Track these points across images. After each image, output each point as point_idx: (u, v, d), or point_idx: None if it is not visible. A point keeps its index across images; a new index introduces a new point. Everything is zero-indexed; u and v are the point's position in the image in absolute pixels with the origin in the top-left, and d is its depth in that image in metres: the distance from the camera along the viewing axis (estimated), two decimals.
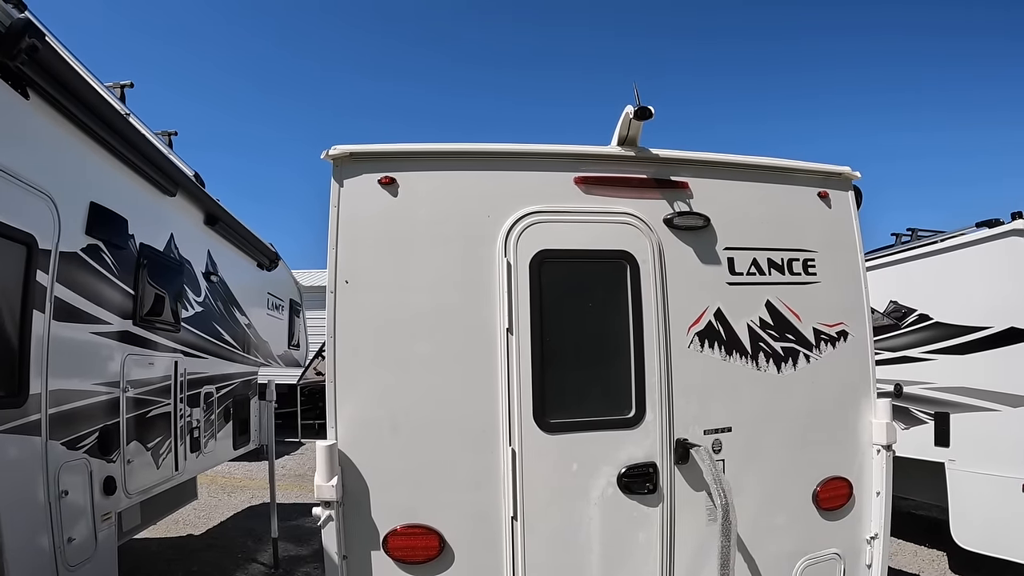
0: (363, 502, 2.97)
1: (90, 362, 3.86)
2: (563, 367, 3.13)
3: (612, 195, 3.25)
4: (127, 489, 4.18)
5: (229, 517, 9.28)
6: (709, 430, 3.24)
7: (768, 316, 3.36)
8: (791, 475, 3.37)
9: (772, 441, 3.35)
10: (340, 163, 3.08)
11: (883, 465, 3.43)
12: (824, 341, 3.45)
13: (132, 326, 4.32)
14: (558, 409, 3.07)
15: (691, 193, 3.33)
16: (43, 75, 3.24)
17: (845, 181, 3.62)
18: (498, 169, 3.19)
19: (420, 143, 3.16)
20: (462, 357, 3.06)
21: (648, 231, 3.23)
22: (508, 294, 3.06)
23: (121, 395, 4.15)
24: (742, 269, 3.35)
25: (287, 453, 15.11)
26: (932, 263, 6.30)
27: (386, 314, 3.04)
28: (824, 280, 3.47)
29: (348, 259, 3.04)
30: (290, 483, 11.52)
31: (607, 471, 3.10)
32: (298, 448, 16.12)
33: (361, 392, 3.01)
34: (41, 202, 3.29)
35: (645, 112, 3.06)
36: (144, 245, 4.45)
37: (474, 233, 3.11)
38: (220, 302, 6.06)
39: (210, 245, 5.82)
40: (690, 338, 3.25)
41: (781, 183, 3.50)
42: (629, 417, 3.13)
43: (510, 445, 3.02)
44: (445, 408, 3.04)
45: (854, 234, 3.58)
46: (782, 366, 3.37)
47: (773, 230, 3.44)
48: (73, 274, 3.56)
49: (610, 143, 3.33)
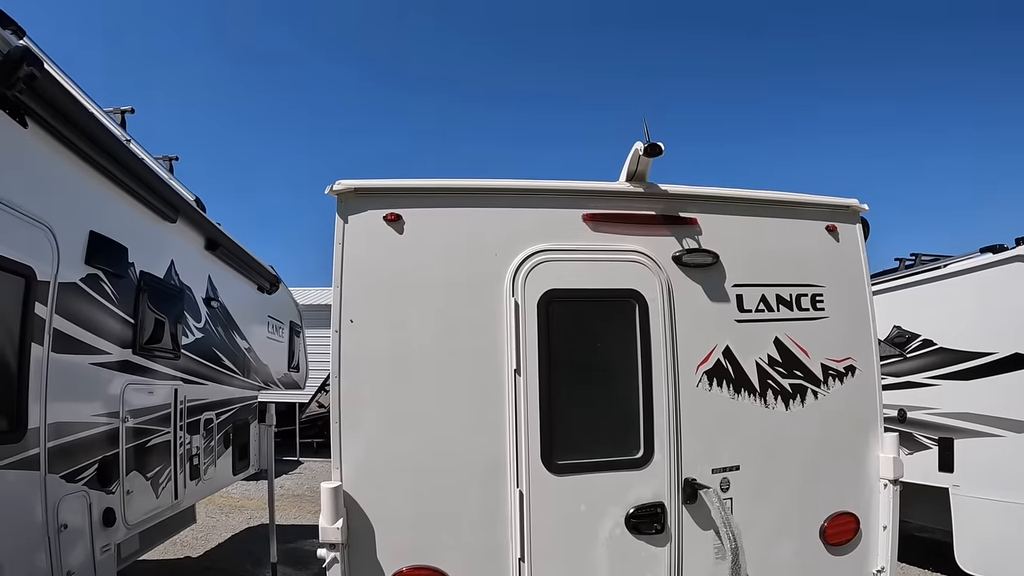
0: (368, 543, 2.92)
1: (89, 393, 3.82)
2: (571, 408, 3.09)
3: (621, 232, 3.23)
4: (126, 520, 4.13)
5: (227, 539, 9.19)
6: (717, 469, 3.21)
7: (776, 353, 3.33)
8: (798, 511, 3.34)
9: (780, 478, 3.32)
10: (345, 199, 3.04)
11: (890, 499, 3.41)
12: (832, 376, 3.42)
13: (132, 355, 4.27)
14: (566, 451, 3.03)
15: (700, 229, 3.30)
16: (41, 104, 3.20)
17: (853, 214, 3.60)
18: (505, 206, 3.16)
19: (426, 180, 3.14)
20: (469, 398, 3.03)
21: (657, 269, 3.21)
22: (516, 334, 3.02)
23: (120, 425, 4.10)
24: (751, 306, 3.32)
25: (285, 472, 15.03)
26: (936, 288, 6.30)
27: (392, 353, 3.00)
28: (832, 315, 3.45)
29: (353, 297, 3.00)
30: (289, 503, 11.44)
31: (615, 512, 3.07)
32: (296, 467, 16.04)
33: (366, 433, 2.97)
34: (39, 233, 3.25)
35: (655, 149, 3.04)
36: (144, 273, 4.42)
37: (481, 271, 3.08)
38: (220, 327, 6.02)
39: (211, 270, 5.78)
40: (699, 377, 3.22)
41: (789, 217, 3.48)
42: (637, 458, 3.10)
43: (517, 487, 2.98)
44: (452, 449, 3.00)
45: (862, 267, 3.56)
46: (790, 403, 3.34)
47: (781, 265, 3.41)
48: (72, 305, 3.52)
49: (618, 179, 3.31)
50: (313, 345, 9.91)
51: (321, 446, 17.80)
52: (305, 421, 17.79)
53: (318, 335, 8.70)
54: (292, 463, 16.46)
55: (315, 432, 18.20)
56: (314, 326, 9.86)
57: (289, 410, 16.80)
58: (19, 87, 2.96)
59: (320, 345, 6.05)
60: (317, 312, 11.72)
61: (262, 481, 9.22)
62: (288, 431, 17.09)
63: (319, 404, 16.55)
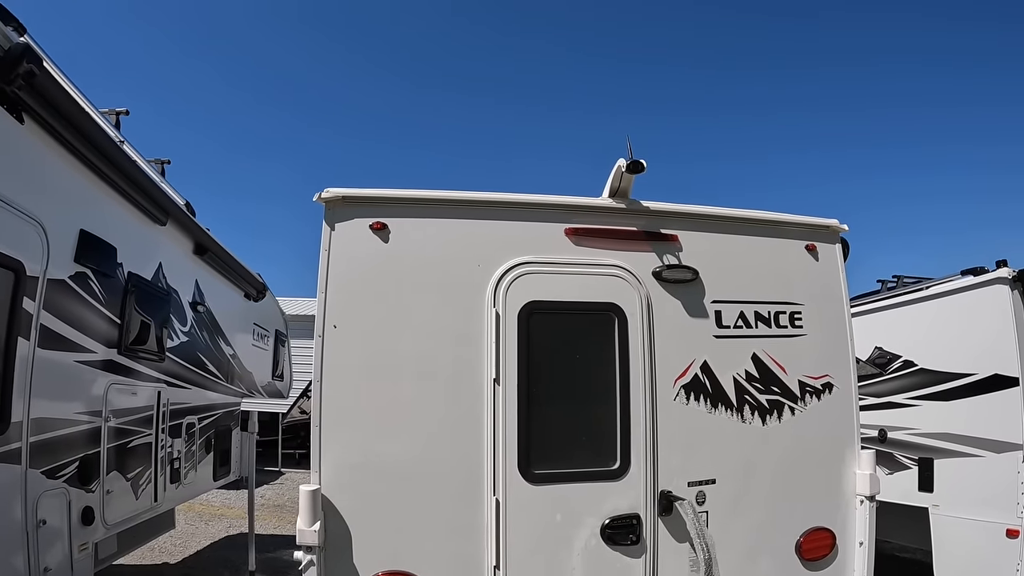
0: (345, 548, 2.94)
1: (73, 391, 3.81)
2: (549, 418, 3.13)
3: (602, 247, 3.28)
4: (105, 520, 4.12)
5: (206, 546, 9.14)
6: (693, 482, 3.24)
7: (754, 369, 3.38)
8: (774, 526, 3.37)
9: (756, 492, 3.35)
10: (332, 206, 3.09)
11: (867, 515, 3.44)
12: (809, 393, 3.47)
13: (117, 355, 4.27)
14: (543, 460, 3.07)
15: (680, 246, 3.36)
16: (39, 101, 3.22)
17: (833, 234, 3.66)
18: (490, 218, 3.21)
19: (413, 189, 3.18)
20: (448, 405, 3.06)
21: (637, 284, 3.26)
22: (496, 344, 3.06)
23: (103, 424, 4.09)
24: (729, 322, 3.37)
25: (266, 483, 14.90)
26: (917, 310, 6.36)
27: (374, 360, 3.03)
28: (810, 333, 3.50)
29: (337, 303, 3.03)
30: (269, 513, 11.38)
31: (591, 522, 3.09)
32: (278, 478, 15.93)
33: (346, 437, 3.00)
34: (30, 228, 3.26)
35: (637, 166, 3.09)
36: (132, 274, 4.42)
37: (464, 282, 3.12)
38: (206, 332, 6.01)
39: (198, 275, 5.78)
40: (676, 391, 3.26)
41: (769, 236, 3.53)
42: (614, 469, 3.13)
43: (494, 495, 3.00)
44: (430, 456, 3.03)
45: (840, 287, 3.61)
46: (767, 418, 3.39)
47: (760, 283, 3.47)
48: (60, 302, 3.53)
49: (601, 195, 3.36)
50: (297, 355, 9.87)
51: (303, 457, 17.57)
52: (288, 430, 17.65)
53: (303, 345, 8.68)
54: (274, 473, 16.34)
55: (298, 443, 18.05)
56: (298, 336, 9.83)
57: (272, 419, 16.63)
58: (18, 83, 2.98)
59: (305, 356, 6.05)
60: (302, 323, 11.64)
61: (242, 490, 9.17)
62: (270, 441, 16.94)
63: (301, 410, 16.44)
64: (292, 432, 17.71)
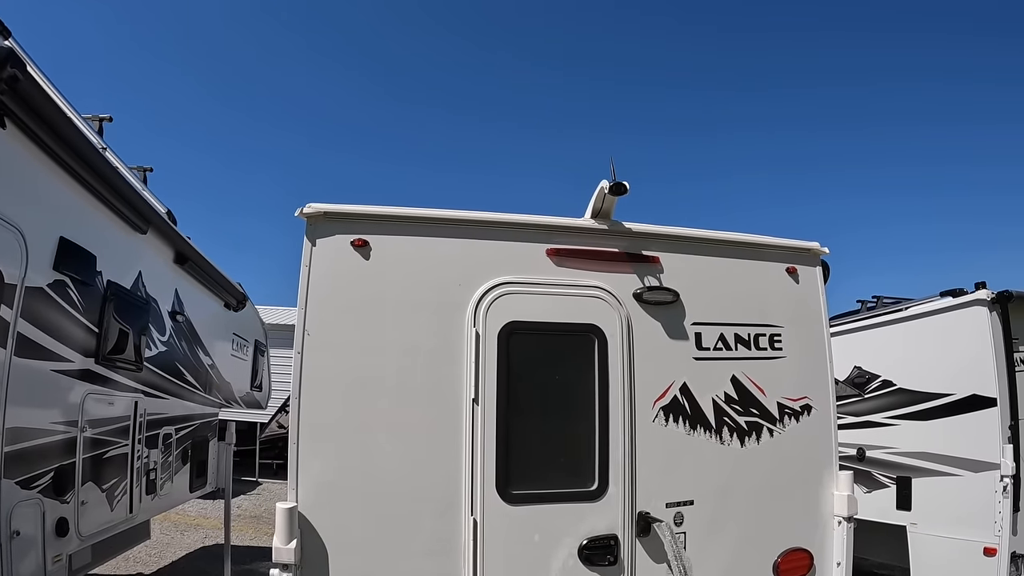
0: (322, 566, 2.90)
1: (49, 400, 3.76)
2: (528, 439, 3.12)
3: (583, 268, 3.28)
4: (79, 531, 4.06)
5: (181, 557, 9.04)
6: (671, 503, 3.24)
7: (733, 391, 3.39)
8: (752, 546, 3.38)
9: (734, 513, 3.36)
10: (314, 222, 3.07)
11: (844, 536, 3.46)
12: (788, 415, 3.48)
13: (94, 364, 4.22)
14: (521, 481, 3.06)
15: (661, 268, 3.37)
16: (22, 106, 3.19)
17: (813, 256, 3.68)
18: (471, 237, 3.21)
19: (395, 207, 3.17)
20: (427, 425, 3.05)
21: (617, 305, 3.26)
22: (475, 364, 3.06)
23: (79, 434, 4.03)
24: (709, 344, 3.39)
25: (243, 493, 14.73)
26: (897, 330, 6.44)
27: (353, 377, 3.02)
28: (790, 355, 3.52)
29: (316, 320, 3.02)
30: (245, 524, 11.27)
31: (569, 542, 3.08)
32: (255, 488, 15.75)
33: (324, 455, 2.97)
34: (9, 234, 3.22)
35: (620, 188, 3.10)
36: (111, 282, 4.38)
37: (444, 300, 3.12)
38: (184, 342, 5.96)
39: (178, 284, 5.74)
40: (655, 412, 3.26)
41: (750, 259, 3.56)
42: (592, 490, 3.13)
43: (472, 515, 2.99)
44: (408, 474, 3.01)
45: (820, 309, 3.64)
46: (745, 440, 3.40)
47: (741, 305, 3.49)
48: (38, 310, 3.48)
49: (583, 215, 3.37)
50: (276, 365, 9.79)
51: (280, 467, 17.33)
52: (265, 441, 17.49)
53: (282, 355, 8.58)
54: (251, 483, 16.15)
55: (275, 453, 17.86)
56: (278, 346, 9.75)
57: (250, 429, 16.42)
58: (1, 88, 2.96)
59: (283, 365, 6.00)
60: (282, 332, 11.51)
61: (219, 500, 9.06)
62: (248, 451, 16.75)
63: (279, 424, 16.29)
64: (270, 443, 17.54)
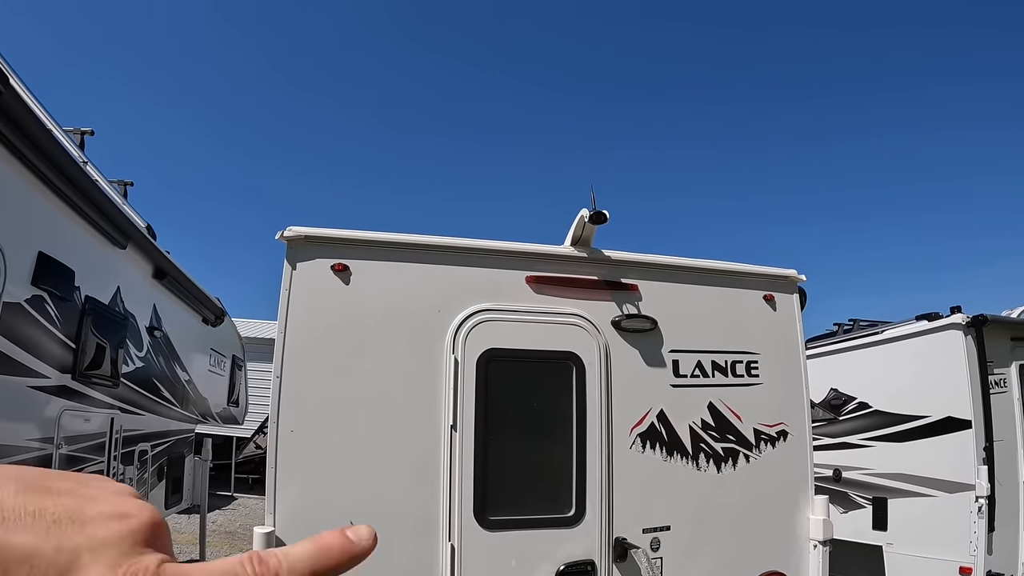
0: None
1: (25, 416, 3.71)
2: (505, 465, 3.13)
3: (562, 295, 3.30)
4: None
5: None
6: (648, 528, 3.26)
7: (710, 418, 3.42)
8: (729, 571, 3.40)
9: (710, 538, 3.38)
10: (294, 245, 3.06)
11: (820, 560, 3.48)
12: (764, 441, 3.52)
13: (71, 380, 4.18)
14: (499, 507, 3.06)
15: (640, 295, 3.40)
16: (2, 119, 3.16)
17: (791, 284, 3.73)
18: (451, 264, 3.22)
19: (375, 232, 3.17)
20: (405, 450, 3.04)
21: (596, 333, 3.28)
22: (454, 391, 3.06)
23: (54, 451, 3.99)
24: (686, 371, 3.41)
25: (218, 508, 14.42)
26: (873, 353, 6.51)
27: (331, 403, 3.00)
28: (766, 381, 3.55)
29: (296, 344, 3.01)
30: (220, 540, 11.09)
31: (546, 568, 3.09)
32: (230, 503, 15.46)
33: (302, 479, 2.96)
34: None
35: (600, 217, 3.13)
36: (89, 298, 4.34)
37: (424, 326, 3.12)
38: (162, 357, 5.91)
39: (156, 299, 5.69)
40: (632, 439, 3.28)
41: (728, 286, 3.59)
42: (569, 516, 3.14)
43: (449, 540, 2.99)
44: (386, 499, 3.00)
45: (797, 336, 3.68)
46: (722, 466, 3.42)
47: (718, 332, 3.52)
48: (15, 325, 3.44)
49: (563, 242, 3.39)
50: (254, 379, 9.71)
51: (256, 482, 17.04)
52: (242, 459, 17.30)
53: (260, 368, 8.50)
54: (226, 498, 15.82)
55: (251, 468, 17.64)
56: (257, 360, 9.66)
57: (226, 443, 16.18)
58: None
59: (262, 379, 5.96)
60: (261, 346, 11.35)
61: (194, 515, 8.95)
62: (224, 465, 16.53)
63: (257, 445, 16.12)
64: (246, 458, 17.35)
